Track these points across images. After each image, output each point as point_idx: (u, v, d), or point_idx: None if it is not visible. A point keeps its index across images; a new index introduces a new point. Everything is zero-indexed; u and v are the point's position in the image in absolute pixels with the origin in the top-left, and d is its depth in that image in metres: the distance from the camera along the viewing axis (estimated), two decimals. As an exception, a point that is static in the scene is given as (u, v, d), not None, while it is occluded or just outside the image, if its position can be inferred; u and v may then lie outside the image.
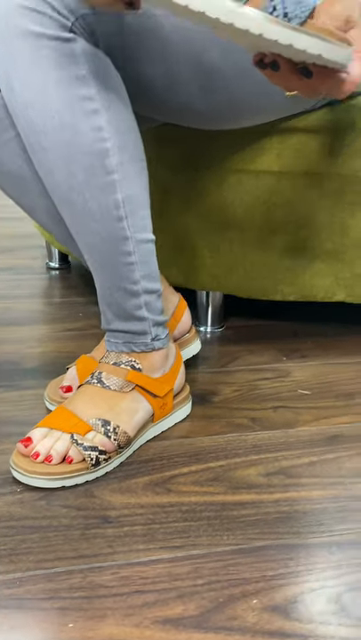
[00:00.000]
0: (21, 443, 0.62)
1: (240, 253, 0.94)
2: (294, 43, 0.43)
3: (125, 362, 0.67)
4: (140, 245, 0.65)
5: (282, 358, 0.94)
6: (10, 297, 1.18)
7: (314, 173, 0.87)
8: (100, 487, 0.61)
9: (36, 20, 0.55)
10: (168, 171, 0.93)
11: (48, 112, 0.57)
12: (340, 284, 0.93)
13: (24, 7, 0.54)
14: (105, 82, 0.59)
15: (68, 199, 0.62)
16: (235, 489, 0.61)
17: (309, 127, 0.84)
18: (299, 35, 0.43)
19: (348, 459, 0.67)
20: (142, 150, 0.65)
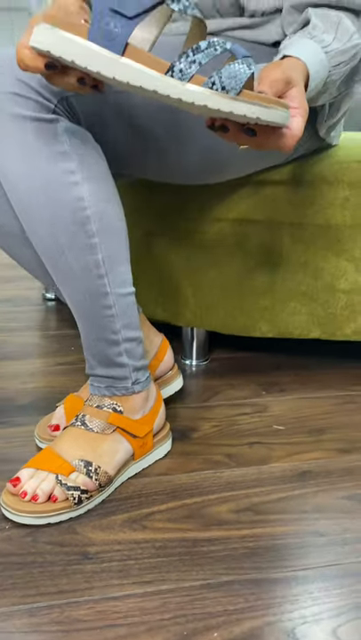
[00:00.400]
0: (10, 482, 0.67)
1: (221, 293, 0.99)
2: (234, 110, 0.51)
3: (107, 405, 0.73)
4: (120, 299, 0.71)
5: (261, 392, 0.99)
6: (6, 330, 1.24)
7: (287, 222, 0.93)
8: (82, 524, 0.67)
9: (23, 105, 0.61)
10: (154, 216, 0.99)
11: (34, 185, 0.63)
12: (315, 322, 0.99)
13: (12, 93, 0.61)
14: (85, 155, 0.65)
15: (52, 258, 0.68)
16: (206, 526, 0.67)
17: (283, 180, 0.90)
18: (237, 103, 0.51)
19: (313, 495, 0.72)
20: (121, 212, 0.70)
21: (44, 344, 1.18)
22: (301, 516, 0.69)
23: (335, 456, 0.81)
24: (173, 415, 0.90)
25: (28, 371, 1.06)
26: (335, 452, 0.82)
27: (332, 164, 0.90)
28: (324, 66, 0.64)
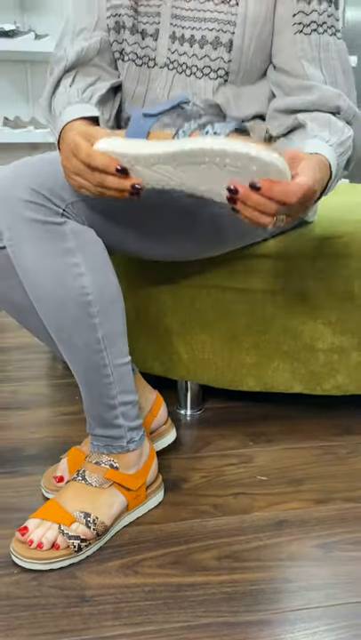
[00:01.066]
0: (19, 531, 0.77)
1: (211, 352, 1.09)
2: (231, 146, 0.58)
3: (105, 461, 0.83)
4: (117, 368, 0.81)
5: (248, 443, 1.08)
6: (17, 379, 1.35)
7: (270, 290, 1.03)
8: (80, 569, 0.76)
9: (36, 210, 0.72)
10: (151, 284, 1.10)
11: (44, 276, 0.74)
12: (297, 378, 1.08)
13: (27, 201, 0.72)
14: (88, 250, 0.76)
15: (58, 333, 0.79)
16: (190, 571, 0.75)
17: (266, 253, 1.01)
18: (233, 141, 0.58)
19: (288, 544, 0.81)
20: (120, 294, 0.81)
21: (51, 393, 1.28)
22: (276, 563, 0.77)
23: (311, 506, 0.90)
24: (167, 466, 1.00)
25: (35, 420, 1.16)
26: (311, 502, 0.91)
27: (310, 240, 1.01)
28: (334, 158, 0.74)
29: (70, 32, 0.87)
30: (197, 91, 0.82)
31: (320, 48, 0.78)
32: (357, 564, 0.77)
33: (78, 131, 0.68)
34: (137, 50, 0.84)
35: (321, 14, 0.77)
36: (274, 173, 0.59)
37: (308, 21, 0.77)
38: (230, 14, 0.77)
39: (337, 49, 0.80)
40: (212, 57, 0.79)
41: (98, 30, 0.85)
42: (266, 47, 0.80)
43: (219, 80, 0.81)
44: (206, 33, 0.78)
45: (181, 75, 0.82)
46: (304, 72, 0.78)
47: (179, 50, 0.81)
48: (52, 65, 0.86)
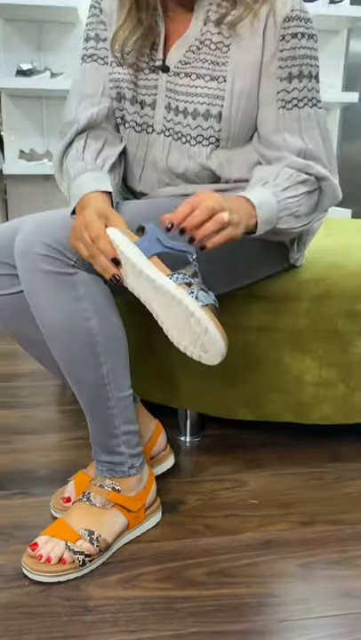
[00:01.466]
0: (30, 547, 0.86)
1: (209, 383, 1.19)
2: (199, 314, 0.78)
3: (108, 485, 0.92)
4: (120, 401, 0.90)
5: (242, 469, 1.17)
6: (30, 405, 1.45)
7: (262, 327, 1.13)
8: (84, 582, 0.84)
9: (50, 263, 0.83)
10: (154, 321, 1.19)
11: (56, 318, 0.85)
12: (288, 408, 1.17)
13: (41, 254, 0.83)
14: (96, 298, 0.86)
15: (68, 368, 0.89)
16: (182, 586, 0.84)
17: (258, 294, 1.11)
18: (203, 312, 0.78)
19: (274, 562, 0.89)
20: (123, 334, 0.91)
21: (60, 419, 1.38)
22: (261, 579, 0.86)
23: (296, 528, 0.98)
24: (167, 489, 1.08)
25: (46, 445, 1.25)
26: (297, 525, 0.99)
27: (297, 283, 1.10)
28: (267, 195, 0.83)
29: (78, 96, 0.98)
30: (193, 154, 0.93)
31: (301, 120, 0.89)
32: (335, 582, 0.85)
33: (96, 207, 0.79)
34: (136, 118, 0.95)
35: (301, 90, 0.88)
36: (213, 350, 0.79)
37: (289, 98, 0.88)
38: (219, 90, 0.88)
39: (317, 118, 0.91)
40: (203, 127, 0.90)
41: (105, 97, 0.97)
42: (251, 117, 0.91)
43: (211, 146, 0.92)
44: (198, 106, 0.90)
45: (177, 141, 0.93)
46: (285, 144, 0.89)
47: (174, 119, 0.92)
48: (64, 127, 0.97)
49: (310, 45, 0.87)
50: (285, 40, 0.85)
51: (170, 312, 0.78)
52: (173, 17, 0.91)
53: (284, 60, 0.86)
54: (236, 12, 0.84)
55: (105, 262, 0.77)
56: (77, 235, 0.77)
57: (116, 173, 0.94)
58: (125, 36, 0.88)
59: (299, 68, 0.86)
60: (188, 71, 0.90)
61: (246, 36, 0.85)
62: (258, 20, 0.84)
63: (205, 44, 0.88)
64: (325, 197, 0.93)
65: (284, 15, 0.84)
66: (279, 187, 0.85)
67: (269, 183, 0.85)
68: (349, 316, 1.11)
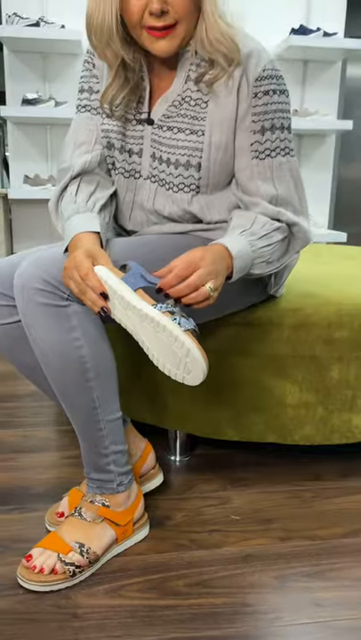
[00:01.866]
0: (25, 559, 0.93)
1: (195, 405, 1.26)
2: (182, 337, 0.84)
3: (98, 500, 0.99)
4: (109, 423, 0.98)
5: (227, 486, 1.23)
6: (29, 425, 1.53)
7: (245, 353, 1.20)
8: (74, 591, 0.91)
9: (46, 296, 0.91)
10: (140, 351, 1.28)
11: (50, 346, 0.93)
12: (270, 429, 1.24)
13: (37, 289, 0.91)
14: (87, 327, 0.94)
15: (61, 392, 0.97)
16: (164, 595, 0.90)
17: (241, 322, 1.19)
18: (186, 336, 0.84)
19: (251, 574, 0.96)
20: (113, 360, 0.98)
21: (57, 438, 1.45)
22: (238, 590, 0.92)
23: (275, 543, 1.05)
24: (155, 505, 1.15)
25: (43, 463, 1.32)
26: (275, 540, 1.05)
27: (277, 311, 1.18)
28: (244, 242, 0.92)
29: (73, 144, 1.07)
30: (176, 200, 1.02)
31: (273, 168, 0.98)
32: (306, 593, 0.92)
33: (85, 249, 0.87)
34: (125, 165, 1.05)
35: (273, 141, 0.97)
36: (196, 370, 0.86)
37: (262, 149, 0.97)
38: (198, 143, 0.97)
39: (289, 166, 1.00)
40: (184, 175, 0.99)
41: (97, 144, 1.06)
42: (228, 166, 1.00)
43: (192, 192, 1.01)
44: (179, 157, 0.99)
45: (162, 187, 1.02)
46: (258, 190, 0.98)
47: (159, 168, 1.02)
48: (60, 173, 1.07)
49: (282, 100, 0.96)
50: (258, 97, 0.94)
51: (155, 338, 0.86)
52: (158, 74, 1.00)
53: (257, 115, 0.95)
54: (214, 72, 0.94)
55: (93, 297, 0.85)
56: (68, 274, 0.86)
57: (106, 213, 1.03)
58: (114, 93, 0.98)
59: (271, 121, 0.95)
60: (170, 125, 0.99)
61: (222, 94, 0.95)
62: (232, 80, 0.94)
63: (186, 100, 0.97)
64: (297, 241, 1.01)
65: (256, 75, 0.93)
66: (255, 235, 0.94)
67: (246, 231, 0.94)
68: (327, 343, 1.19)
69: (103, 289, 0.85)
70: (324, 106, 3.88)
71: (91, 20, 0.90)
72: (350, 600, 0.91)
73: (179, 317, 0.84)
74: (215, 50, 0.90)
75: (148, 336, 0.86)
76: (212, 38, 0.89)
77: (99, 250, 0.89)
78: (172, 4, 0.86)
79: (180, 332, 0.84)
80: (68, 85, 3.62)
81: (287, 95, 0.97)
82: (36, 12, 3.50)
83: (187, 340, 0.84)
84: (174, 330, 0.84)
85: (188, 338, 0.84)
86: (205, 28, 0.89)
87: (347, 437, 1.26)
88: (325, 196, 4.04)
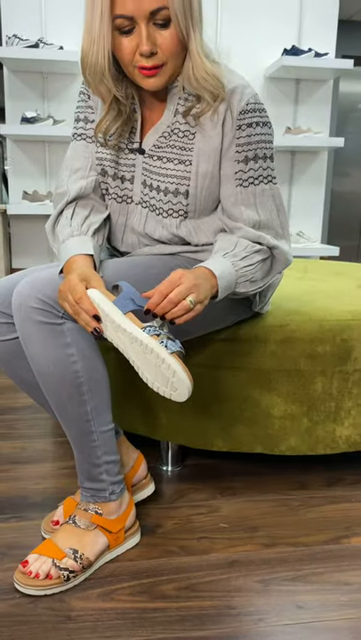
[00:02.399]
0: (21, 564, 0.98)
1: (186, 417, 1.32)
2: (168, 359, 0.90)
3: (91, 509, 1.04)
4: (102, 434, 1.03)
5: (217, 495, 1.28)
6: (26, 436, 1.58)
7: (232, 367, 1.26)
8: (68, 595, 0.96)
9: (42, 315, 0.97)
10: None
11: (46, 363, 0.98)
12: (257, 440, 1.30)
13: (34, 307, 0.97)
14: (81, 343, 0.99)
15: (56, 405, 1.02)
16: (154, 599, 0.95)
17: (228, 337, 1.25)
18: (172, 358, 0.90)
19: (236, 579, 1.01)
20: (105, 376, 1.04)
21: (54, 449, 1.50)
22: (223, 594, 0.97)
23: (260, 549, 1.09)
24: (146, 514, 1.20)
25: (40, 473, 1.37)
26: (260, 546, 1.10)
27: (262, 327, 1.24)
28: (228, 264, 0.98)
29: (69, 170, 1.13)
30: (165, 224, 1.08)
31: (256, 195, 1.04)
32: (289, 596, 0.97)
33: (78, 273, 0.93)
34: (117, 191, 1.11)
35: (256, 170, 1.04)
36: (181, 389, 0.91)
37: (246, 177, 1.03)
38: (186, 172, 1.04)
39: (271, 193, 1.06)
40: (173, 202, 1.06)
41: (92, 171, 1.13)
42: (214, 193, 1.06)
43: (180, 218, 1.07)
44: (168, 185, 1.05)
45: (152, 212, 1.09)
46: (241, 216, 1.04)
47: (149, 194, 1.08)
48: (57, 197, 1.13)
49: (264, 132, 1.03)
50: (242, 129, 1.01)
51: (144, 359, 0.92)
52: (149, 106, 1.07)
53: (240, 146, 1.01)
54: (200, 106, 1.00)
55: (87, 318, 0.91)
56: (63, 296, 0.92)
57: (99, 236, 1.09)
58: (107, 124, 1.04)
59: (254, 151, 1.02)
60: (160, 154, 1.06)
61: (208, 126, 1.01)
62: (217, 115, 1.00)
63: (175, 132, 1.04)
64: (277, 263, 1.08)
65: (240, 109, 1.00)
66: (237, 257, 1.00)
67: (229, 254, 1.00)
68: (310, 357, 1.24)
69: (96, 311, 0.91)
70: (317, 123, 3.97)
71: (85, 59, 0.96)
72: (330, 602, 0.95)
73: (165, 340, 0.90)
74: (201, 87, 0.97)
75: (138, 356, 0.92)
76: (199, 76, 0.96)
77: (92, 273, 0.95)
78: (161, 46, 0.93)
79: (166, 355, 0.89)
80: (67, 104, 3.71)
81: (269, 127, 1.04)
82: (36, 34, 3.60)
83: (173, 362, 0.90)
84: (161, 352, 0.89)
85: (175, 360, 0.90)
86: (192, 66, 0.96)
87: (331, 448, 1.31)
88: (318, 210, 4.12)
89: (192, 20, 0.93)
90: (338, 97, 5.17)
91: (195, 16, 0.93)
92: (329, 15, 3.84)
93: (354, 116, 5.42)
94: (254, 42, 3.82)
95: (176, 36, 0.92)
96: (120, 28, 0.91)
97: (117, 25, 0.91)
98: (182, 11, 0.90)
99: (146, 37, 0.91)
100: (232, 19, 3.76)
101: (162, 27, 0.91)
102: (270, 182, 1.06)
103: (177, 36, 0.92)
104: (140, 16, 0.90)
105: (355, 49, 5.01)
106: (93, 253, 1.00)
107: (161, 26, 0.91)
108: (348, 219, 5.48)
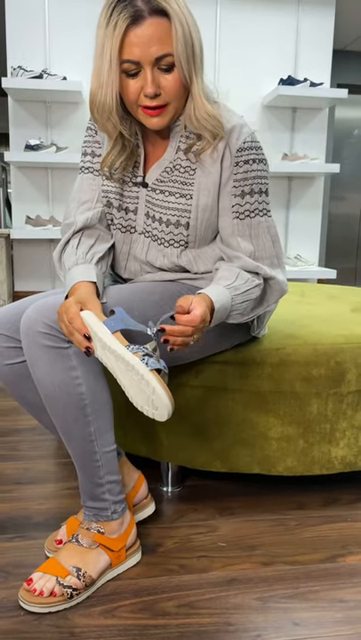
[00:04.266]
0: (26, 582, 1.01)
1: (186, 438, 1.35)
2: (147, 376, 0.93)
3: (94, 527, 1.07)
4: (104, 455, 1.07)
5: (215, 515, 1.32)
6: (30, 458, 1.61)
7: (230, 389, 1.31)
8: (72, 612, 0.99)
9: (49, 339, 1.02)
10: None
11: (53, 384, 1.03)
12: (255, 461, 1.33)
13: (41, 332, 1.02)
14: (86, 366, 1.04)
15: (61, 426, 1.06)
16: (155, 616, 0.98)
17: (226, 360, 1.29)
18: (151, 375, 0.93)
19: (235, 596, 1.04)
20: (109, 398, 1.08)
21: (57, 470, 1.54)
22: (222, 611, 1.00)
23: (258, 567, 1.12)
24: (147, 533, 1.23)
25: (43, 494, 1.41)
26: (258, 565, 1.13)
27: (259, 350, 1.29)
28: (227, 295, 1.03)
29: (77, 202, 1.19)
30: (166, 254, 1.14)
31: (252, 227, 1.10)
32: (286, 613, 0.99)
33: (76, 297, 0.98)
34: (122, 221, 1.17)
35: (253, 204, 1.10)
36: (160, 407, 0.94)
37: (242, 210, 1.09)
38: (187, 205, 1.10)
39: (266, 225, 1.12)
40: (175, 233, 1.12)
41: (98, 202, 1.19)
42: (213, 224, 1.12)
43: (181, 247, 1.13)
44: (170, 217, 1.11)
45: (155, 242, 1.14)
46: (238, 246, 1.10)
47: (152, 225, 1.14)
48: (64, 227, 1.19)
49: (260, 168, 1.09)
50: (239, 165, 1.07)
51: (127, 376, 0.95)
52: (152, 142, 1.13)
53: (238, 181, 1.08)
54: (201, 144, 1.07)
55: (79, 338, 0.95)
56: (60, 318, 0.97)
57: (103, 264, 1.14)
58: (112, 159, 1.11)
59: (250, 186, 1.08)
60: (162, 188, 1.12)
61: (208, 163, 1.08)
62: (217, 152, 1.07)
63: (176, 167, 1.10)
64: (273, 293, 1.13)
65: (237, 147, 1.06)
66: (238, 290, 1.05)
67: (231, 286, 1.05)
68: (306, 380, 1.29)
69: (86, 331, 0.95)
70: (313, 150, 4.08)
71: (94, 99, 1.03)
72: (326, 619, 0.98)
73: (147, 358, 0.94)
74: (202, 126, 1.04)
75: (123, 375, 0.96)
76: (200, 117, 1.03)
77: (90, 297, 1.00)
78: (164, 88, 1.00)
79: (145, 371, 0.93)
80: (69, 132, 3.81)
81: (265, 163, 1.10)
82: (40, 65, 3.72)
83: (152, 380, 0.93)
84: (140, 369, 0.93)
85: (154, 377, 0.93)
86: (194, 107, 1.03)
87: (327, 468, 1.34)
88: (315, 234, 4.20)
89: (194, 65, 1.00)
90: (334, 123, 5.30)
91: (197, 61, 1.00)
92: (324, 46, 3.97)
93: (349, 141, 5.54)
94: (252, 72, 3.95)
95: (179, 79, 0.99)
96: (127, 71, 0.98)
97: (124, 68, 0.98)
98: (185, 57, 0.97)
99: (151, 81, 0.97)
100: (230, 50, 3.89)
101: (166, 71, 0.98)
102: (265, 215, 1.12)
103: (180, 79, 0.99)
104: (146, 61, 0.96)
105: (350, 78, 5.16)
106: (96, 280, 1.05)
107: (165, 70, 0.98)
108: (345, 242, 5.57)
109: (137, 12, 0.94)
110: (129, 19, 0.94)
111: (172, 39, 0.95)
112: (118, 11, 0.94)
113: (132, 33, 0.94)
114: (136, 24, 0.94)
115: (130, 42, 0.95)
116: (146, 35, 0.94)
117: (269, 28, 3.84)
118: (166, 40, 0.95)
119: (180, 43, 0.95)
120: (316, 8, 3.84)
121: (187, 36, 0.96)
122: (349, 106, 5.46)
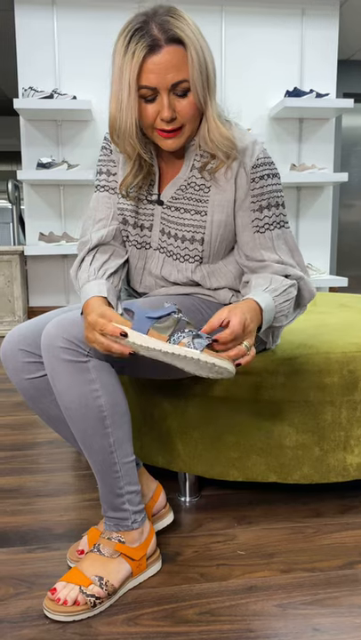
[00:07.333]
0: (50, 592, 1.03)
1: (202, 448, 1.38)
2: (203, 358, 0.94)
3: (115, 537, 1.10)
4: (124, 465, 1.10)
5: (233, 524, 1.33)
6: (49, 470, 1.64)
7: (245, 399, 1.33)
8: (95, 621, 1.01)
9: (69, 354, 1.05)
10: (155, 395, 1.41)
11: (73, 397, 1.06)
12: (271, 470, 1.35)
13: (61, 347, 1.05)
14: (105, 379, 1.07)
15: (81, 438, 1.09)
16: (177, 623, 1.00)
17: (241, 370, 1.32)
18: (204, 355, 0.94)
19: (254, 604, 1.05)
20: (127, 410, 1.11)
21: (76, 482, 1.56)
22: (243, 618, 1.01)
23: (277, 575, 1.14)
24: (166, 543, 1.25)
25: (63, 506, 1.43)
26: (277, 572, 1.15)
27: (273, 361, 1.31)
28: (270, 299, 1.06)
29: (92, 220, 1.23)
30: (181, 269, 1.17)
31: (273, 239, 1.13)
32: (306, 619, 1.01)
33: (97, 312, 1.01)
34: (137, 238, 1.21)
35: (271, 217, 1.13)
36: (226, 373, 0.96)
37: (262, 224, 1.13)
38: (201, 221, 1.14)
39: (285, 236, 1.15)
40: (190, 249, 1.15)
41: (114, 220, 1.23)
42: (226, 240, 1.16)
43: (195, 263, 1.16)
44: (185, 233, 1.15)
45: (169, 258, 1.18)
46: (262, 257, 1.13)
47: (167, 241, 1.18)
48: (80, 245, 1.22)
49: (275, 182, 1.13)
50: (255, 182, 1.11)
51: (183, 362, 0.97)
52: (167, 161, 1.17)
53: (255, 197, 1.11)
54: (215, 162, 1.11)
55: (119, 348, 0.98)
56: (91, 339, 0.99)
57: (115, 278, 1.18)
58: (130, 180, 1.15)
59: (267, 200, 1.12)
60: (177, 206, 1.16)
61: (222, 181, 1.12)
62: (230, 170, 1.11)
63: (191, 185, 1.14)
64: (304, 294, 1.16)
65: (251, 164, 1.10)
66: (276, 291, 1.08)
67: (268, 289, 1.08)
68: (319, 389, 1.31)
69: (121, 330, 0.97)
70: (321, 159, 4.11)
71: (113, 123, 1.07)
72: (346, 625, 0.99)
73: (192, 341, 0.96)
74: (216, 147, 1.08)
75: (177, 362, 0.98)
76: (214, 138, 1.07)
77: (106, 308, 1.03)
78: (180, 113, 1.04)
79: (199, 355, 0.94)
80: (80, 149, 3.89)
81: (278, 177, 1.14)
82: (50, 85, 3.80)
83: (208, 358, 0.94)
84: (194, 355, 0.94)
85: (208, 355, 0.95)
86: (208, 129, 1.07)
87: (343, 476, 1.36)
88: (326, 243, 4.22)
89: (208, 89, 1.04)
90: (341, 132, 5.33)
91: (211, 86, 1.04)
92: (329, 56, 4.02)
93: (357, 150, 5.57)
94: (258, 84, 4.00)
95: (194, 104, 1.03)
96: (144, 96, 1.03)
97: (142, 94, 1.02)
98: (200, 83, 1.01)
99: (167, 106, 1.02)
100: (235, 63, 3.95)
101: (181, 96, 1.03)
102: (283, 227, 1.15)
103: (195, 104, 1.03)
104: (162, 87, 1.01)
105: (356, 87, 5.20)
106: (107, 294, 1.08)
107: (181, 95, 1.02)
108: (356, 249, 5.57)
109: (154, 41, 0.98)
110: (147, 47, 0.98)
111: (187, 66, 0.99)
112: (136, 40, 0.98)
113: (149, 60, 0.99)
114: (153, 52, 0.98)
115: (147, 69, 0.99)
116: (163, 62, 0.98)
117: (274, 41, 3.90)
118: (182, 67, 0.99)
119: (195, 69, 1.00)
120: (321, 19, 3.89)
121: (201, 63, 1.00)
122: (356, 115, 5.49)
